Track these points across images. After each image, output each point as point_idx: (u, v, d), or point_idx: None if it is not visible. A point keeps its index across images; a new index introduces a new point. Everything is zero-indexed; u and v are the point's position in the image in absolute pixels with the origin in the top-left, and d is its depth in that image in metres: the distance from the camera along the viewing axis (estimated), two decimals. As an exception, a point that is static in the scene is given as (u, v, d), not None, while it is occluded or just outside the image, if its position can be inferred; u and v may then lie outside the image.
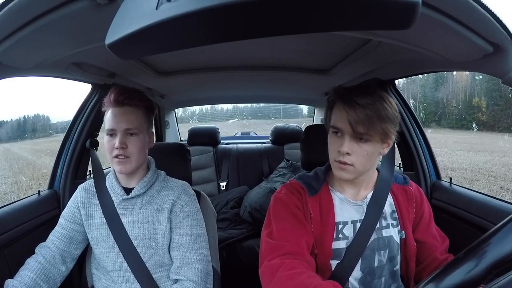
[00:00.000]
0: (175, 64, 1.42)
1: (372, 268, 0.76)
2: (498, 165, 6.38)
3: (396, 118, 0.71)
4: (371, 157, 0.71)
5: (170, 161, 1.13)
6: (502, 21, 0.55)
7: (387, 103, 0.69)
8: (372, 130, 0.67)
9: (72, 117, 1.29)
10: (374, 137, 0.68)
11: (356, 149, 0.69)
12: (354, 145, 0.69)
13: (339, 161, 0.70)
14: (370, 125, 0.66)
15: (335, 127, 0.71)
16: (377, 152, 0.72)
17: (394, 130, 0.71)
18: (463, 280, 0.39)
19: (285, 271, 0.62)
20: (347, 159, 0.69)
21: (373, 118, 0.66)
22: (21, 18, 0.55)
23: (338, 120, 0.70)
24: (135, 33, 0.31)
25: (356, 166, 0.70)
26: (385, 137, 0.70)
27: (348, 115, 0.67)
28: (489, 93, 11.62)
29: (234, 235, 1.77)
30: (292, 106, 4.81)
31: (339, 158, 0.70)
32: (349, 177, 0.72)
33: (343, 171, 0.71)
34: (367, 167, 0.73)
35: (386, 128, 0.68)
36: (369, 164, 0.73)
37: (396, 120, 0.71)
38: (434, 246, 0.81)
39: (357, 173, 0.72)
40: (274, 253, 0.67)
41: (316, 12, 0.30)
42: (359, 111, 0.66)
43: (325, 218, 0.75)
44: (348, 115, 0.67)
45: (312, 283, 0.57)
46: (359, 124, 0.66)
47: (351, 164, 0.69)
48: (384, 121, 0.67)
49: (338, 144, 0.70)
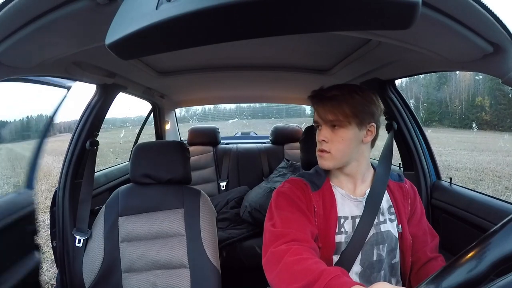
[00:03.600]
0: (175, 64, 1.42)
1: (372, 262, 0.77)
2: (502, 165, 6.34)
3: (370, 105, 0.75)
4: (349, 144, 0.75)
5: (169, 159, 1.13)
6: (502, 21, 0.55)
7: (359, 94, 0.75)
8: (340, 115, 0.73)
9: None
10: (344, 122, 0.74)
11: (331, 136, 0.75)
12: (329, 132, 0.76)
13: (319, 149, 0.78)
14: (338, 111, 0.73)
15: (315, 122, 0.80)
16: (357, 139, 0.76)
17: (369, 116, 0.76)
18: (463, 280, 0.39)
19: (291, 257, 0.61)
20: (325, 147, 0.76)
21: (339, 104, 0.73)
22: (21, 18, 0.55)
23: (315, 115, 0.79)
24: (135, 33, 0.31)
25: (333, 152, 0.75)
26: (361, 123, 0.75)
27: (319, 108, 0.76)
28: (492, 92, 11.60)
29: (234, 235, 1.77)
30: (294, 105, 4.81)
31: (319, 147, 0.78)
32: (329, 165, 0.77)
33: (322, 158, 0.77)
34: (346, 154, 0.76)
35: (356, 112, 0.73)
36: (348, 151, 0.76)
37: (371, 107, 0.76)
38: (423, 242, 0.83)
39: (335, 160, 0.76)
40: (280, 240, 0.67)
41: (316, 12, 0.30)
42: (326, 101, 0.75)
43: (328, 213, 0.76)
44: (318, 108, 0.76)
45: (319, 267, 0.56)
46: (327, 113, 0.74)
47: (328, 151, 0.76)
48: (352, 106, 0.73)
49: (318, 135, 0.79)
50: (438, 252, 0.84)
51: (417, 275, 0.81)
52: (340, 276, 0.53)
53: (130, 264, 1.07)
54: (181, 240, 1.08)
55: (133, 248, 1.08)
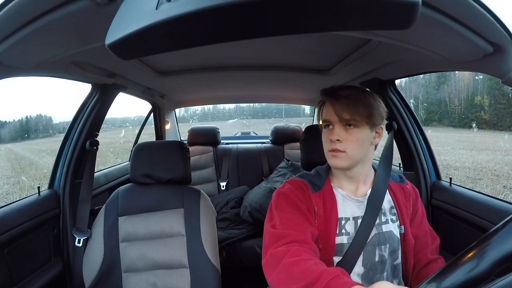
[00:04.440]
0: (175, 64, 1.42)
1: (374, 263, 0.77)
2: (501, 164, 6.34)
3: (379, 107, 0.76)
4: (362, 144, 0.75)
5: (169, 159, 1.13)
6: (502, 21, 0.55)
7: (369, 95, 0.76)
8: (356, 115, 0.73)
9: (72, 117, 1.29)
10: (360, 122, 0.74)
11: (345, 135, 0.74)
12: (344, 132, 0.74)
13: (332, 149, 0.75)
14: (354, 111, 0.73)
15: (325, 121, 0.78)
16: (368, 140, 0.76)
17: (380, 119, 0.77)
18: (464, 280, 0.39)
19: (291, 258, 0.61)
20: (338, 146, 0.74)
21: (355, 104, 0.73)
22: (21, 18, 0.55)
23: (327, 114, 0.77)
24: (135, 33, 0.31)
25: (348, 152, 0.74)
26: (373, 125, 0.75)
27: (334, 106, 0.74)
28: (491, 91, 11.61)
29: (234, 235, 1.77)
30: (294, 105, 4.81)
31: (332, 147, 0.75)
32: (343, 164, 0.75)
33: (336, 158, 0.75)
34: (360, 155, 0.76)
35: (371, 113, 0.74)
36: (362, 151, 0.76)
37: (380, 109, 0.76)
38: (424, 243, 0.83)
39: (350, 160, 0.75)
40: (279, 241, 0.67)
41: (316, 12, 0.30)
42: (342, 101, 0.74)
43: (329, 214, 0.76)
44: (334, 106, 0.74)
45: (319, 268, 0.56)
46: (344, 111, 0.73)
47: (343, 150, 0.74)
48: (366, 107, 0.74)
49: (329, 134, 0.76)
50: (438, 254, 0.84)
51: (417, 277, 0.81)
52: (340, 277, 0.53)
53: (130, 264, 1.07)
54: (181, 240, 1.08)
55: (133, 248, 1.08)
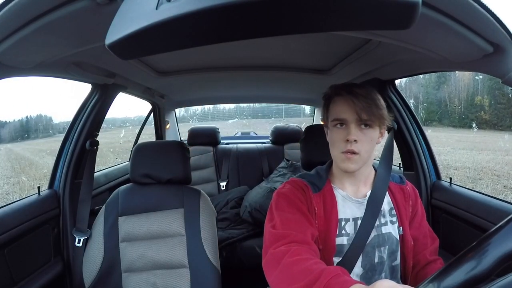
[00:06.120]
0: (175, 64, 1.42)
1: (373, 264, 0.77)
2: (501, 164, 6.34)
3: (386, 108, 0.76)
4: (373, 144, 0.75)
5: (169, 159, 1.13)
6: (502, 21, 0.55)
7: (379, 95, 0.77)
8: (372, 116, 0.72)
9: (72, 117, 1.29)
10: (375, 122, 0.73)
11: (361, 136, 0.72)
12: (359, 132, 0.73)
13: (347, 151, 0.72)
14: (371, 111, 0.71)
15: (339, 119, 0.74)
16: (376, 140, 0.76)
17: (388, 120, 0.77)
18: (464, 280, 0.39)
19: (291, 257, 0.61)
20: (354, 147, 0.72)
21: (372, 105, 0.72)
22: (21, 18, 0.55)
23: (341, 111, 0.74)
24: (135, 33, 0.31)
25: (362, 153, 0.73)
26: (382, 125, 0.76)
27: (354, 104, 0.72)
28: (491, 91, 11.60)
29: (234, 235, 1.77)
30: (294, 105, 4.81)
31: (347, 148, 0.72)
32: (355, 168, 0.74)
33: (350, 161, 0.73)
34: (370, 156, 0.76)
35: (383, 114, 0.74)
36: (371, 152, 0.76)
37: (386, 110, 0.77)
38: (424, 245, 0.83)
39: (362, 162, 0.74)
40: (280, 241, 0.66)
41: (316, 12, 0.30)
42: (361, 99, 0.71)
43: (329, 215, 0.76)
44: (354, 104, 0.72)
45: (319, 267, 0.56)
46: (363, 111, 0.71)
47: (358, 152, 0.72)
48: (380, 108, 0.73)
49: (343, 134, 0.73)
50: (437, 255, 0.84)
51: (416, 278, 0.81)
52: (340, 275, 0.53)
53: (130, 264, 1.07)
54: (181, 240, 1.08)
55: (133, 248, 1.08)
